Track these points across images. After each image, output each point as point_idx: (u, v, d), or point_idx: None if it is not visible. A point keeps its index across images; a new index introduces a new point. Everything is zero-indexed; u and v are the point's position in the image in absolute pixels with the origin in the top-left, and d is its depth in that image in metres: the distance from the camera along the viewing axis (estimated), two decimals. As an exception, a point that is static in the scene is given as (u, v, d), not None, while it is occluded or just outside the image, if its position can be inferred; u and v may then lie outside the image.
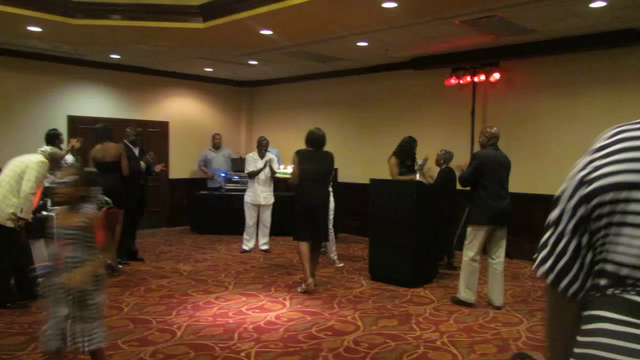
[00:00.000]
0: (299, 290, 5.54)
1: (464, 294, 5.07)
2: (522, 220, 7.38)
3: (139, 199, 6.73)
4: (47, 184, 6.81)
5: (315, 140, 5.57)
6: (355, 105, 9.32)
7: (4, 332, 4.20)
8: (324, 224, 5.67)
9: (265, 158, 7.49)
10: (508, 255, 7.23)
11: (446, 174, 6.45)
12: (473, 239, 4.99)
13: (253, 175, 7.40)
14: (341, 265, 6.60)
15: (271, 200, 7.59)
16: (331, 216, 6.59)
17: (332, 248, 6.73)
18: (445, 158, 6.52)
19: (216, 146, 9.43)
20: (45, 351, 2.90)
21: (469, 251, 5.01)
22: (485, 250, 5.11)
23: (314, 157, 5.56)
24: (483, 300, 5.26)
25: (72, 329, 2.73)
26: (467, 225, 5.09)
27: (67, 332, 2.72)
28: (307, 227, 5.47)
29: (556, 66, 6.99)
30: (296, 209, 5.61)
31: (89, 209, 2.89)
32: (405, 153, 6.06)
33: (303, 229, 5.48)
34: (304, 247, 5.47)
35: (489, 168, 4.90)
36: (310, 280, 5.47)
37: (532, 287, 5.83)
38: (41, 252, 5.61)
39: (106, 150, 6.37)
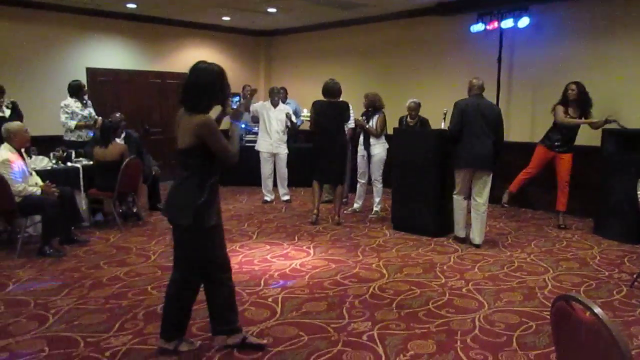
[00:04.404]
0: (309, 220, 6.27)
1: (460, 231, 5.52)
2: (546, 171, 7.26)
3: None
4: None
5: (329, 91, 6.10)
6: (376, 54, 9.07)
7: (37, 278, 4.32)
8: (339, 168, 6.24)
9: (280, 108, 7.55)
10: (532, 206, 7.24)
11: None
12: (457, 181, 5.39)
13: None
14: (375, 216, 6.61)
15: (285, 150, 7.62)
16: (380, 169, 6.65)
17: (377, 199, 6.68)
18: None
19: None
20: None
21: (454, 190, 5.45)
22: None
23: (329, 106, 6.10)
24: (507, 248, 5.25)
25: None
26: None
27: None
28: (321, 170, 6.24)
29: (589, 10, 6.65)
30: (313, 154, 6.36)
31: None
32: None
33: (317, 171, 6.30)
34: (316, 185, 6.36)
35: (468, 116, 5.20)
36: (317, 209, 6.30)
37: (557, 237, 5.78)
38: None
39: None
